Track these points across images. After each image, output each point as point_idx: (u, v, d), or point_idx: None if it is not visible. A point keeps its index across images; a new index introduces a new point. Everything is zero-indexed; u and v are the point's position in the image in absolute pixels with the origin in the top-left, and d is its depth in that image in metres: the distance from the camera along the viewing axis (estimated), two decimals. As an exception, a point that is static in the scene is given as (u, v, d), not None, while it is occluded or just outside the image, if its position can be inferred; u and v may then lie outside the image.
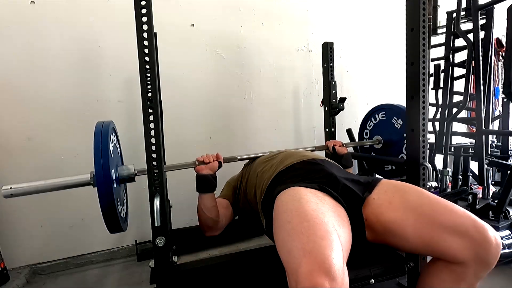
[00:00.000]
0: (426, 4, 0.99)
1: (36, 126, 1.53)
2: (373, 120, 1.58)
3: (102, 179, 0.81)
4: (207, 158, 1.13)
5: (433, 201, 0.82)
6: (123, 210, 1.00)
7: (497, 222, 1.66)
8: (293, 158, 1.06)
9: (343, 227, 0.75)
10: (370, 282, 0.96)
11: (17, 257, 1.53)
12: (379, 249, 1.14)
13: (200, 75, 1.85)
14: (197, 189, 1.10)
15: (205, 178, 1.09)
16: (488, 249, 0.74)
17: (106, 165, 0.82)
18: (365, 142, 1.63)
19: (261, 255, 1.20)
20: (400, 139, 1.41)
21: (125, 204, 1.08)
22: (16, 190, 0.85)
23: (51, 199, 1.57)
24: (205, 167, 1.11)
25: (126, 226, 1.00)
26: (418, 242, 0.80)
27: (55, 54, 1.54)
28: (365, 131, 1.64)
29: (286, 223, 0.72)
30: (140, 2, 0.86)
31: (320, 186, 0.88)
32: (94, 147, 0.84)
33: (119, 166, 1.00)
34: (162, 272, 0.94)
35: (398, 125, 1.41)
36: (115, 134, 1.05)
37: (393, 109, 1.44)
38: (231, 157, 1.22)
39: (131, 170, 1.00)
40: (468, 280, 0.78)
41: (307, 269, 0.57)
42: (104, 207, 0.82)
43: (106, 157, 0.84)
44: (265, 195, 0.99)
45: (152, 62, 0.89)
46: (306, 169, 1.00)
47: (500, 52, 2.40)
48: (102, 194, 0.81)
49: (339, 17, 2.26)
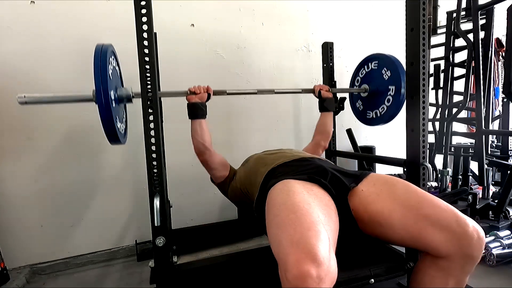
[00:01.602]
0: (426, 4, 0.99)
1: (36, 126, 1.53)
2: (365, 68, 1.55)
3: (101, 96, 0.89)
4: (198, 89, 1.21)
5: (419, 195, 0.85)
6: (122, 126, 1.09)
7: (497, 222, 1.66)
8: (285, 157, 1.10)
9: (329, 216, 0.78)
10: (370, 282, 0.96)
11: (17, 257, 1.53)
12: (379, 249, 1.14)
13: (200, 75, 1.85)
14: (189, 116, 1.20)
15: (195, 105, 1.19)
16: (469, 243, 0.76)
17: (105, 84, 0.90)
18: (352, 90, 1.62)
19: (261, 255, 1.20)
20: (385, 90, 1.40)
21: (124, 122, 1.19)
22: (29, 99, 0.96)
23: (52, 199, 1.57)
24: (195, 96, 1.21)
25: (125, 141, 1.14)
26: (404, 234, 0.83)
27: (55, 54, 1.54)
28: (357, 78, 1.61)
29: (275, 217, 0.76)
30: (140, 2, 0.86)
31: (310, 177, 0.92)
32: (94, 67, 0.90)
33: (118, 88, 1.08)
34: (162, 272, 0.94)
35: (386, 76, 1.39)
36: (114, 57, 1.10)
37: (385, 59, 1.41)
38: (221, 90, 1.29)
39: (128, 91, 1.09)
40: (456, 275, 0.81)
41: (295, 258, 0.60)
42: (104, 121, 0.91)
43: (105, 76, 0.91)
44: (259, 194, 1.00)
45: (152, 62, 0.89)
46: (297, 165, 1.04)
47: (500, 52, 2.40)
48: (102, 109, 0.90)
49: (339, 17, 2.26)
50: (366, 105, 1.58)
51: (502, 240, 1.48)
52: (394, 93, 1.36)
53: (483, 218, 1.77)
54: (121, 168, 1.70)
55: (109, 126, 0.93)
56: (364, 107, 1.59)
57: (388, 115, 1.42)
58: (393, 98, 1.37)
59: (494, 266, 1.39)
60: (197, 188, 1.86)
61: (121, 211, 1.72)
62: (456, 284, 0.82)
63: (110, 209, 1.68)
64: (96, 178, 1.65)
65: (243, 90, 1.42)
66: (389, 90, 1.37)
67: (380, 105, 1.44)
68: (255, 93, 1.37)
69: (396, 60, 1.37)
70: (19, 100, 0.94)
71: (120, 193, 1.70)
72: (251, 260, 1.19)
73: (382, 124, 1.49)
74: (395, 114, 1.39)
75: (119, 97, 1.05)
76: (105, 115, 0.91)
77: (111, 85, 0.94)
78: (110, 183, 1.68)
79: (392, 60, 1.37)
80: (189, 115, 1.20)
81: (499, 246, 1.45)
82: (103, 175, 1.66)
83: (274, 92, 1.40)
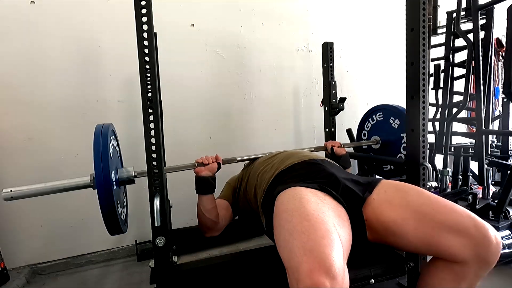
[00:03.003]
0: (426, 4, 0.99)
1: (36, 126, 1.53)
2: (370, 121, 1.58)
3: (102, 182, 0.82)
4: (206, 160, 1.14)
5: (433, 201, 0.82)
6: (123, 212, 1.01)
7: (497, 222, 1.66)
8: (293, 158, 1.07)
9: (344, 227, 0.75)
10: (370, 282, 0.96)
11: (17, 257, 1.53)
12: (379, 249, 1.14)
13: (200, 75, 1.85)
14: (197, 190, 1.11)
15: (204, 180, 1.10)
16: (488, 248, 0.74)
17: (106, 168, 0.83)
18: (363, 143, 1.63)
19: (261, 255, 1.20)
20: (398, 139, 1.41)
21: (125, 206, 1.09)
22: (16, 193, 0.86)
23: (51, 199, 1.56)
24: (205, 168, 1.12)
25: (126, 228, 1.01)
26: (419, 242, 0.80)
27: (55, 54, 1.54)
28: (363, 132, 1.64)
29: (286, 223, 0.72)
30: (140, 2, 0.86)
31: (321, 186, 0.88)
32: (94, 150, 0.85)
33: (119, 169, 1.01)
34: (162, 272, 0.94)
35: (396, 125, 1.40)
36: (114, 137, 1.05)
37: (390, 109, 1.44)
38: (230, 158, 1.23)
39: (130, 173, 1.01)
40: (469, 279, 0.78)
41: (308, 268, 0.57)
42: (104, 209, 0.83)
43: (106, 160, 0.84)
44: (266, 195, 0.99)
45: (152, 62, 0.88)
46: (306, 169, 1.00)
47: (500, 52, 2.39)
48: (102, 196, 0.82)
49: (339, 17, 2.26)
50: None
51: (502, 240, 1.47)
52: None
53: (483, 218, 1.76)
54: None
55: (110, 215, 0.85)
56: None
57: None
58: None
59: (494, 266, 1.39)
60: (197, 188, 1.86)
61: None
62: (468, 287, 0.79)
63: (110, 209, 1.68)
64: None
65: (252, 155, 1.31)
66: (402, 138, 1.36)
67: (397, 154, 1.43)
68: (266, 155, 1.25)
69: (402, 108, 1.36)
70: (4, 196, 0.84)
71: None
72: (251, 260, 1.19)
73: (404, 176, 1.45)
74: None
75: (120, 179, 0.98)
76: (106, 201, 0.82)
77: (112, 167, 0.87)
78: (110, 183, 1.67)
79: (398, 109, 1.38)
80: (197, 189, 1.10)
81: (499, 246, 1.45)
82: (103, 175, 1.66)
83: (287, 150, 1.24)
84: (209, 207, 1.10)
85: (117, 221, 0.88)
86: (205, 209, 1.10)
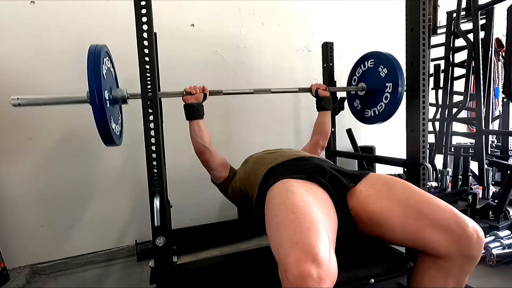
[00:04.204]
0: (426, 4, 0.99)
1: (36, 126, 1.53)
2: (362, 67, 1.54)
3: (95, 97, 0.88)
4: (194, 90, 1.20)
5: (419, 195, 0.85)
6: (117, 127, 1.08)
7: (497, 222, 1.66)
8: (284, 156, 1.10)
9: (328, 215, 0.78)
10: (370, 282, 0.96)
11: (17, 257, 1.53)
12: (379, 249, 1.14)
13: (200, 75, 1.85)
14: (186, 117, 1.19)
15: (191, 106, 1.18)
16: (469, 243, 0.76)
17: (98, 85, 0.89)
18: (348, 88, 1.62)
19: (261, 255, 1.20)
20: (382, 88, 1.39)
21: (119, 124, 1.17)
22: (23, 100, 0.95)
23: (52, 199, 1.57)
24: (191, 97, 1.20)
25: (120, 142, 1.11)
26: (405, 234, 0.83)
27: (55, 54, 1.54)
28: (354, 78, 1.61)
29: (274, 217, 0.76)
30: (140, 2, 0.86)
31: (309, 176, 0.92)
32: (88, 68, 0.89)
33: (113, 89, 1.07)
34: (162, 272, 0.94)
35: (383, 73, 1.37)
36: (109, 58, 1.09)
37: (381, 56, 1.39)
38: (217, 90, 1.27)
39: (123, 92, 1.06)
40: (455, 275, 0.81)
41: (295, 258, 0.60)
42: (98, 123, 0.90)
43: (99, 77, 0.90)
44: (258, 194, 1.00)
45: (152, 62, 0.89)
46: (296, 164, 1.04)
47: (500, 52, 2.40)
48: (96, 111, 0.89)
49: (339, 17, 2.26)
50: (364, 104, 1.58)
51: (502, 240, 1.48)
52: (392, 90, 1.35)
53: (483, 218, 1.77)
54: (121, 168, 1.70)
55: (103, 127, 0.92)
56: (362, 106, 1.59)
57: (386, 113, 1.41)
58: (390, 96, 1.36)
59: (494, 266, 1.39)
60: (197, 188, 1.86)
61: (121, 211, 1.72)
62: (456, 284, 0.82)
63: (110, 209, 1.68)
64: (96, 178, 1.65)
65: (239, 90, 1.41)
66: (387, 87, 1.36)
67: (378, 103, 1.43)
68: (252, 93, 1.36)
69: (393, 57, 1.35)
70: (12, 102, 0.94)
71: (120, 193, 1.70)
72: (251, 260, 1.19)
73: (381, 123, 1.48)
74: (393, 112, 1.38)
75: (113, 98, 1.04)
76: (99, 116, 0.90)
77: (105, 86, 0.93)
78: (110, 183, 1.68)
79: (388, 57, 1.36)
80: (186, 116, 1.19)
81: (499, 246, 1.45)
82: (103, 175, 1.66)
83: (271, 92, 1.39)
84: (198, 131, 1.18)
85: (110, 133, 0.95)
86: (195, 133, 1.19)
